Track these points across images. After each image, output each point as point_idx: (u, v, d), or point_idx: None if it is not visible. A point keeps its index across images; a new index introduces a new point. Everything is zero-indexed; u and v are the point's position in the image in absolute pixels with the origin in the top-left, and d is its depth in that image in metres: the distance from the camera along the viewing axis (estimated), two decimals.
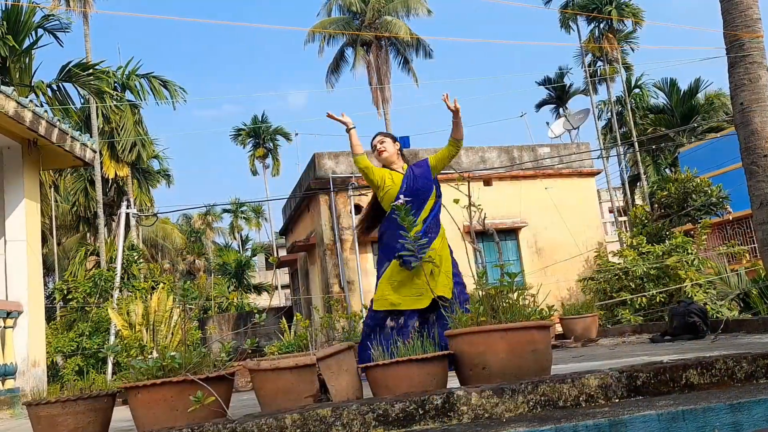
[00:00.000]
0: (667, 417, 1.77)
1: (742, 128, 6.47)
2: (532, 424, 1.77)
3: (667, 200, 14.73)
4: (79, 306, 13.83)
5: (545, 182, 15.22)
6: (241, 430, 1.88)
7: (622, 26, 27.44)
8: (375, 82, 29.10)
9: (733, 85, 6.59)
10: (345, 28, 29.34)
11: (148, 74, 19.47)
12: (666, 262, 11.62)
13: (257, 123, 40.39)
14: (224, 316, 19.33)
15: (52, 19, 13.95)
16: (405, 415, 1.93)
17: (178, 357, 2.37)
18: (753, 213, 6.52)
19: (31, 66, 12.97)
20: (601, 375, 2.06)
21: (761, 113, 6.34)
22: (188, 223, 43.07)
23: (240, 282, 33.87)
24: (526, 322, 2.44)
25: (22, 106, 6.75)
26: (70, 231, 26.66)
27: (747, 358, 2.15)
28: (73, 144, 7.72)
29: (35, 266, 7.43)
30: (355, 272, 14.62)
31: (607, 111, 29.07)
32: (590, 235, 15.24)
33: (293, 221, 18.92)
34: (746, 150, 6.43)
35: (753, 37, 6.44)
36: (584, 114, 23.79)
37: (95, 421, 2.48)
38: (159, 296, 8.33)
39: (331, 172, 15.17)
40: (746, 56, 6.43)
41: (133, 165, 21.86)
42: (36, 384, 6.73)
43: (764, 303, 8.89)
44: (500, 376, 2.32)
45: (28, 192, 7.40)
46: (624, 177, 27.21)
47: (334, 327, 7.15)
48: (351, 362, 2.54)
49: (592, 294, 12.66)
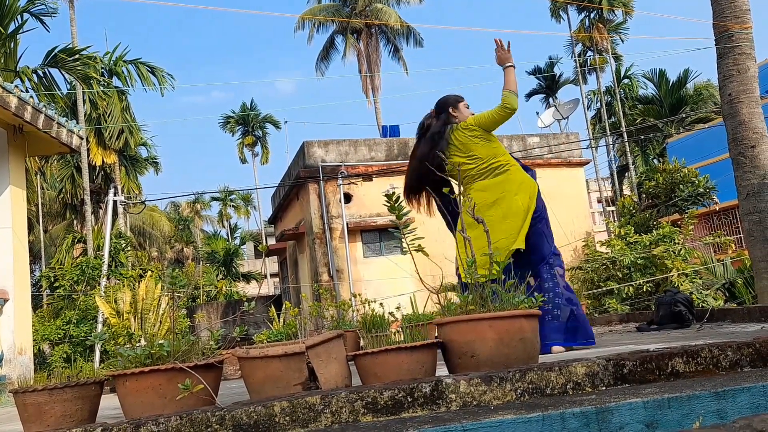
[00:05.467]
0: (653, 404, 1.79)
1: (729, 119, 6.51)
2: (520, 411, 1.79)
3: (654, 190, 14.84)
4: (66, 294, 13.74)
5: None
6: (230, 418, 1.88)
7: (613, 16, 27.46)
8: (365, 70, 28.98)
9: (721, 76, 6.62)
10: (335, 15, 29.16)
11: (135, 60, 19.25)
12: (653, 251, 11.72)
13: (246, 110, 40.16)
14: (213, 304, 19.30)
15: (38, 3, 13.72)
16: (394, 403, 1.94)
17: (166, 345, 2.36)
18: (739, 203, 6.57)
19: (16, 51, 12.78)
20: (588, 363, 2.08)
21: (749, 104, 6.38)
22: (176, 210, 42.83)
23: (229, 270, 33.78)
24: (515, 311, 2.45)
25: (7, 92, 6.66)
26: (57, 218, 26.46)
27: (732, 346, 2.18)
28: (59, 130, 7.64)
29: (21, 253, 7.37)
30: (344, 261, 14.62)
31: (596, 101, 29.15)
32: (578, 225, 15.32)
33: (282, 210, 18.88)
34: (734, 141, 6.48)
35: (742, 28, 6.46)
36: (573, 104, 23.83)
37: (83, 408, 2.47)
38: (147, 284, 8.30)
39: (321, 160, 15.12)
40: (735, 47, 6.46)
41: (120, 152, 21.67)
42: (23, 372, 6.69)
43: (749, 292, 9.00)
44: (488, 365, 2.33)
45: (13, 178, 7.32)
46: (612, 167, 27.34)
47: (323, 315, 7.16)
48: (340, 350, 2.54)
49: (580, 283, 12.76)
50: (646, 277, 11.55)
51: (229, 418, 1.88)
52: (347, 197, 14.98)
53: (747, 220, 6.43)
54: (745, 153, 6.35)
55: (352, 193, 15.05)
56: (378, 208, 14.15)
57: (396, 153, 15.60)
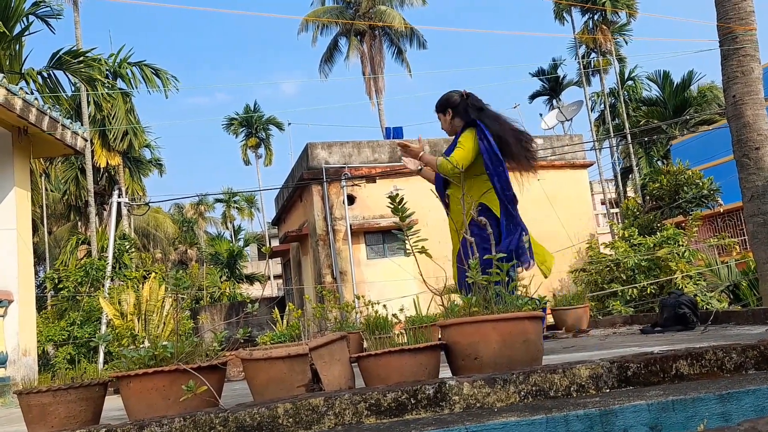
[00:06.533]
0: (657, 407, 1.79)
1: (734, 121, 6.49)
2: (524, 413, 1.78)
3: (658, 192, 14.81)
4: (70, 295, 13.78)
5: (538, 174, 15.24)
6: (234, 420, 1.88)
7: (616, 18, 27.44)
8: (369, 72, 29.01)
9: (725, 78, 6.60)
10: (338, 17, 29.20)
11: (139, 62, 19.31)
12: (657, 253, 11.70)
13: (249, 112, 40.22)
14: (216, 306, 19.32)
15: (43, 5, 13.78)
16: (397, 405, 1.94)
17: (170, 346, 2.37)
18: (744, 205, 6.55)
19: (21, 53, 12.83)
20: (592, 365, 2.07)
21: (753, 106, 6.36)
22: (180, 212, 42.90)
23: (232, 272, 33.83)
24: (518, 313, 2.45)
25: (12, 94, 6.68)
26: (61, 220, 26.53)
27: (736, 349, 2.17)
28: (63, 132, 7.66)
29: (25, 255, 7.39)
30: (348, 263, 14.62)
31: (600, 103, 29.12)
32: (582, 227, 15.29)
33: (286, 211, 18.89)
34: (738, 142, 6.46)
35: (746, 29, 6.45)
36: (577, 106, 23.79)
37: (87, 410, 2.48)
38: (151, 286, 8.30)
39: (324, 162, 15.13)
40: (739, 49, 6.44)
41: (124, 154, 21.74)
42: (27, 373, 6.70)
43: (754, 294, 8.97)
44: (492, 366, 2.33)
45: (18, 180, 7.34)
46: (616, 169, 27.30)
47: (326, 317, 7.16)
48: (343, 352, 2.54)
49: (584, 285, 12.73)
50: (650, 279, 11.52)
51: (233, 419, 1.88)
52: (350, 199, 14.98)
53: (751, 222, 6.41)
54: (749, 155, 6.33)
55: (355, 194, 15.05)
56: (381, 209, 14.15)
57: (399, 155, 15.59)
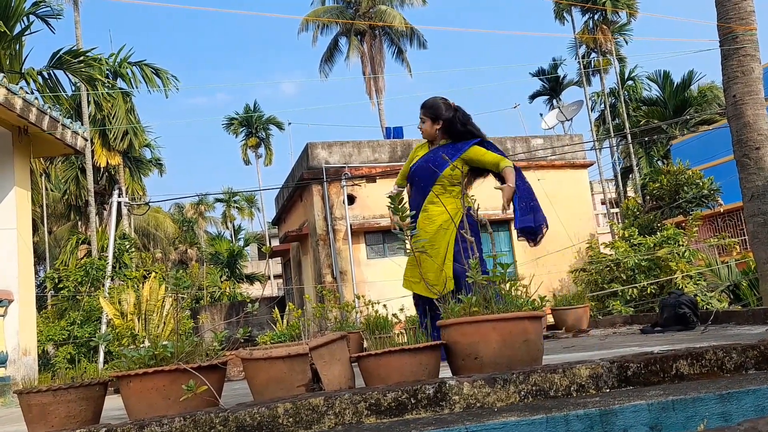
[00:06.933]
0: (657, 407, 1.79)
1: (734, 121, 6.49)
2: (524, 413, 1.78)
3: (658, 192, 14.81)
4: (70, 295, 13.78)
5: (538, 173, 15.22)
6: (234, 419, 1.88)
7: (617, 18, 27.43)
8: (369, 71, 29.00)
9: (726, 78, 6.60)
10: (339, 17, 29.19)
11: (140, 62, 19.31)
12: (657, 253, 11.69)
13: (249, 112, 40.21)
14: (217, 305, 19.32)
15: (43, 5, 13.77)
16: (397, 405, 1.94)
17: (170, 346, 2.37)
18: (744, 205, 6.55)
19: (21, 53, 12.83)
20: (592, 365, 2.07)
21: (753, 106, 6.36)
22: (180, 212, 42.89)
23: (232, 272, 33.83)
24: (518, 313, 2.45)
25: (12, 93, 6.68)
26: (61, 219, 26.53)
27: (736, 348, 2.17)
28: (64, 132, 7.66)
29: (26, 254, 7.39)
30: (348, 262, 14.62)
31: (600, 103, 29.11)
32: (582, 227, 15.28)
33: (286, 211, 18.89)
34: (738, 142, 6.46)
35: (746, 29, 6.45)
36: (577, 105, 23.78)
37: (87, 409, 2.48)
38: (151, 285, 8.31)
39: (324, 162, 15.12)
40: (739, 49, 6.44)
41: (124, 153, 21.73)
42: (27, 372, 6.70)
43: (754, 294, 8.97)
44: (492, 366, 2.33)
45: (18, 180, 7.34)
46: (616, 169, 27.29)
47: (326, 317, 7.17)
48: (343, 352, 2.54)
49: (584, 285, 12.72)
50: (651, 279, 11.52)
51: (233, 419, 1.88)
52: (351, 199, 14.98)
53: (752, 222, 6.41)
54: (749, 155, 6.33)
55: (355, 194, 15.05)
56: (381, 209, 14.14)
57: (399, 154, 15.59)
